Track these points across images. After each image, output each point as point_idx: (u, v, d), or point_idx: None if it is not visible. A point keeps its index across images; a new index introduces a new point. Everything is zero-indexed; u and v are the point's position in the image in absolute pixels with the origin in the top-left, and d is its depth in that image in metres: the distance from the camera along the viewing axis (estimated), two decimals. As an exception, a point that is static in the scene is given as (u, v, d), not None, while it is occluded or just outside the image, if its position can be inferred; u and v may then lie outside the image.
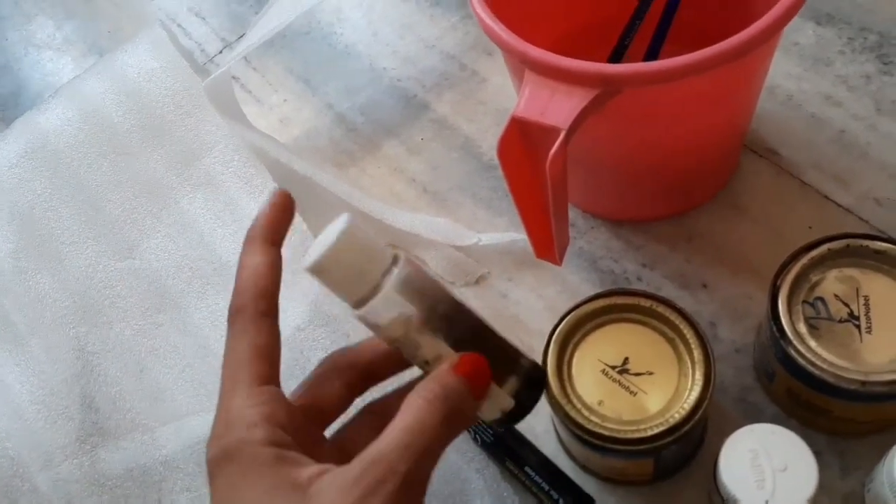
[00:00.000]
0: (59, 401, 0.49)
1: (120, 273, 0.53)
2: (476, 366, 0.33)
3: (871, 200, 0.50)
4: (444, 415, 0.31)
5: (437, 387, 0.31)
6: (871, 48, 0.57)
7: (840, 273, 0.41)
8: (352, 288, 0.33)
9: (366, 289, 0.33)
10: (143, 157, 0.56)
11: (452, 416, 0.31)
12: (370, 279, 0.33)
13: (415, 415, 0.30)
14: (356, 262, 0.32)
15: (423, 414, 0.30)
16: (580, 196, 0.53)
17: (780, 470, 0.36)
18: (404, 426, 0.30)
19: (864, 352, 0.39)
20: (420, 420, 0.30)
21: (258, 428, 0.29)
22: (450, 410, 0.31)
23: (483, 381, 0.33)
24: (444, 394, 0.31)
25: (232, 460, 0.29)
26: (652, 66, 0.36)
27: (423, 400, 0.31)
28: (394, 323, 0.33)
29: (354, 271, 0.32)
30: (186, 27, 0.74)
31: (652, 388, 0.40)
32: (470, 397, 0.32)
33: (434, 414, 0.31)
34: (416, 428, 0.30)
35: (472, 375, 0.33)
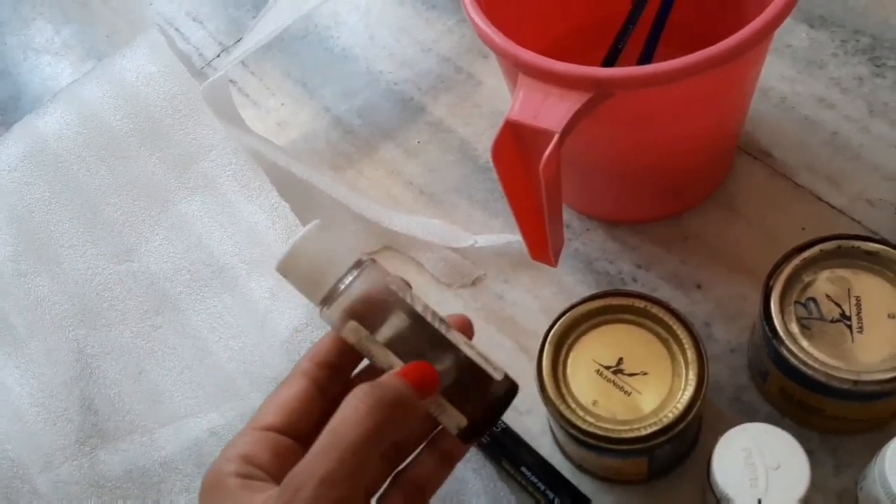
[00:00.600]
0: (59, 403, 0.50)
1: (119, 276, 0.54)
2: (419, 370, 0.33)
3: (864, 202, 0.51)
4: (368, 412, 0.31)
5: (365, 386, 0.32)
6: (864, 51, 0.57)
7: (832, 274, 0.42)
8: (311, 290, 0.34)
9: (323, 292, 0.34)
10: (142, 160, 0.56)
11: (381, 412, 0.31)
12: (327, 283, 0.34)
13: (338, 415, 0.31)
14: (315, 265, 0.34)
15: (346, 412, 0.31)
16: (575, 198, 0.54)
17: (773, 468, 0.37)
18: (327, 429, 0.31)
19: (855, 351, 0.39)
20: (342, 419, 0.31)
21: (232, 463, 0.32)
22: (377, 407, 0.31)
23: (426, 384, 0.33)
24: (372, 391, 0.31)
25: (214, 488, 0.32)
26: (643, 70, 0.37)
27: (348, 399, 0.31)
28: (346, 329, 0.34)
29: (313, 275, 0.34)
30: (184, 31, 0.74)
31: (646, 388, 0.40)
32: (409, 397, 0.32)
33: (357, 411, 0.31)
34: (338, 427, 0.30)
35: (412, 376, 0.33)
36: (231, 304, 0.52)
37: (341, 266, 0.34)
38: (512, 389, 0.35)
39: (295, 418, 0.34)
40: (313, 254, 0.34)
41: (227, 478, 0.31)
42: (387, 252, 0.56)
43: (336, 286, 0.34)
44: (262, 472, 0.32)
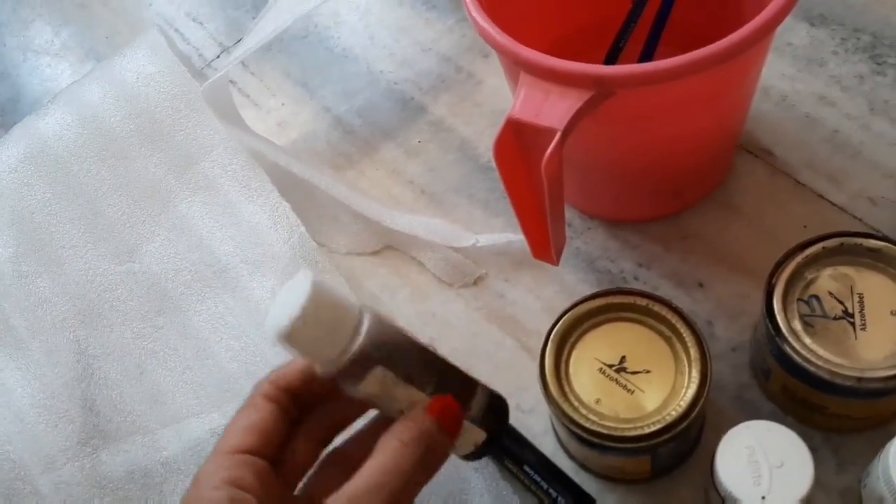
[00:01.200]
0: (60, 404, 0.50)
1: (120, 276, 0.54)
2: (448, 406, 0.34)
3: (865, 199, 0.51)
4: (419, 456, 0.31)
5: (413, 427, 0.32)
6: (864, 49, 0.57)
7: (834, 271, 0.41)
8: (322, 352, 0.32)
9: (336, 351, 0.32)
10: (142, 161, 0.56)
11: (427, 456, 0.32)
12: (340, 342, 0.32)
13: (390, 456, 0.31)
14: (324, 325, 0.31)
15: (399, 455, 0.31)
16: (577, 197, 0.54)
17: (776, 466, 0.37)
18: (379, 467, 0.31)
19: (858, 349, 0.39)
20: (395, 461, 0.31)
21: (218, 490, 0.31)
22: (425, 451, 0.32)
23: (456, 420, 0.34)
24: (419, 435, 0.32)
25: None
26: (645, 68, 0.37)
27: (399, 441, 0.32)
28: (369, 381, 0.32)
29: (323, 336, 0.31)
30: (184, 32, 0.74)
31: (649, 386, 0.40)
32: (444, 437, 0.33)
33: (410, 455, 0.31)
34: (391, 469, 0.31)
35: (444, 416, 0.33)
36: (232, 304, 0.52)
37: (350, 321, 0.32)
38: (505, 401, 0.37)
39: (266, 441, 0.33)
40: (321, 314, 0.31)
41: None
42: (388, 252, 0.56)
43: (351, 343, 0.32)
44: (252, 496, 0.31)
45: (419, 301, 0.54)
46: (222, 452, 0.33)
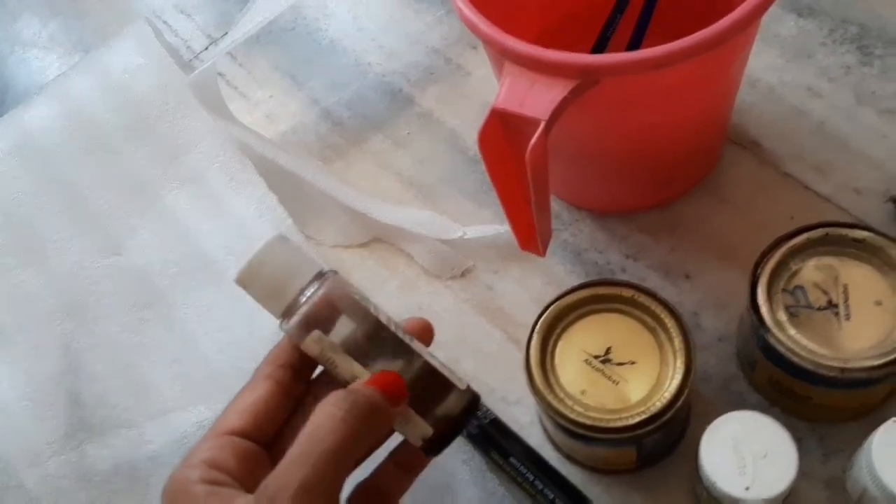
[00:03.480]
0: (46, 397, 0.49)
1: (106, 269, 0.53)
2: (388, 379, 0.33)
3: (851, 190, 0.51)
4: (343, 418, 0.31)
5: (340, 393, 0.32)
6: (852, 39, 0.57)
7: (819, 261, 0.42)
8: (272, 302, 0.34)
9: (284, 304, 0.34)
10: (129, 153, 0.56)
11: (356, 419, 0.31)
12: (288, 295, 0.34)
13: (312, 422, 0.31)
14: (276, 277, 0.34)
15: (321, 419, 0.31)
16: (564, 188, 0.54)
17: (760, 457, 0.37)
18: (302, 436, 0.30)
19: (842, 339, 0.39)
20: (317, 426, 0.30)
21: (196, 469, 0.31)
22: (352, 414, 0.31)
23: (396, 392, 0.33)
24: (346, 398, 0.31)
25: (177, 495, 0.31)
26: (629, 56, 0.37)
27: (322, 407, 0.31)
28: (308, 342, 0.34)
29: (274, 287, 0.34)
30: (172, 24, 0.74)
31: (634, 377, 0.40)
32: (381, 404, 0.32)
33: (332, 418, 0.31)
34: (314, 434, 0.30)
35: (382, 386, 0.33)
36: (218, 297, 0.52)
37: (303, 277, 0.34)
38: (474, 400, 0.36)
39: (259, 421, 0.33)
40: (275, 266, 0.34)
41: (193, 485, 0.31)
42: (376, 244, 0.56)
43: (297, 298, 0.34)
44: (228, 477, 0.31)
45: (407, 293, 0.54)
46: (212, 433, 0.33)
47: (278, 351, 0.36)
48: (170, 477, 0.32)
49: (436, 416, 0.35)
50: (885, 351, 0.38)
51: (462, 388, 0.36)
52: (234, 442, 0.32)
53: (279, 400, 0.34)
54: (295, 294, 0.34)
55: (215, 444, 0.32)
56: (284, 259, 0.34)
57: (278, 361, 0.35)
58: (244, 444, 0.33)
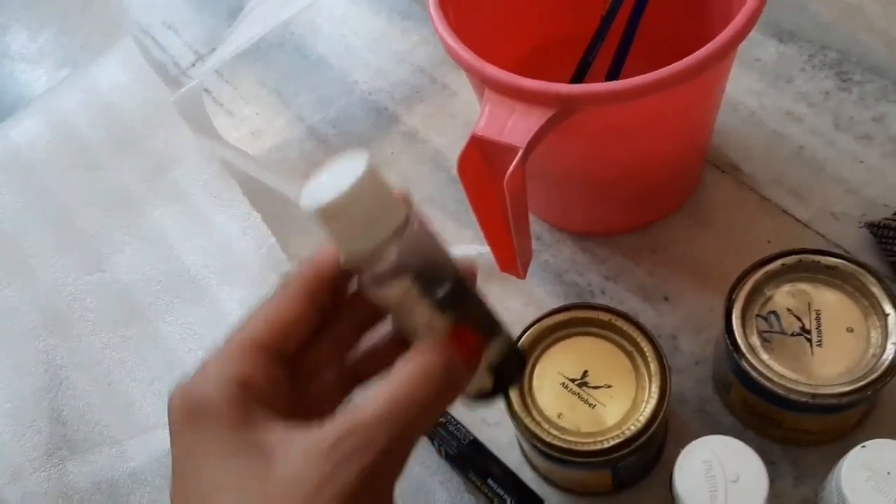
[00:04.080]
0: (28, 414, 0.50)
1: (89, 286, 0.54)
2: (472, 340, 0.30)
3: (828, 215, 0.52)
4: (437, 388, 0.28)
5: (435, 356, 0.28)
6: (831, 65, 0.58)
7: (793, 287, 0.42)
8: (356, 240, 0.29)
9: (370, 245, 0.29)
10: (114, 170, 0.57)
11: (444, 390, 0.29)
12: (377, 236, 0.29)
13: (405, 385, 0.28)
14: (367, 212, 0.28)
15: (415, 385, 0.28)
16: (545, 210, 0.54)
17: (732, 480, 0.37)
18: (391, 396, 0.27)
19: (814, 365, 0.40)
20: (410, 392, 0.28)
21: (228, 386, 0.27)
22: (443, 384, 0.28)
23: (476, 357, 0.30)
24: (441, 366, 0.28)
25: (194, 419, 0.27)
26: (605, 87, 0.37)
27: (418, 369, 0.28)
28: (393, 288, 0.29)
29: (362, 224, 0.28)
30: (160, 39, 0.74)
31: (610, 400, 0.41)
32: (464, 373, 0.30)
33: (426, 386, 0.28)
34: (404, 399, 0.27)
35: (467, 350, 0.30)
36: (202, 314, 0.52)
37: (393, 218, 0.29)
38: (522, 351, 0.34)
39: (289, 338, 0.30)
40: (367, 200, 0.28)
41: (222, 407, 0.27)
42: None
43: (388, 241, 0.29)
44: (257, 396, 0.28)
45: (389, 312, 0.54)
46: (236, 342, 0.29)
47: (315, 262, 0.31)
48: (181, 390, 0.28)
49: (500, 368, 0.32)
50: (855, 378, 0.39)
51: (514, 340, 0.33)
52: (265, 359, 0.29)
53: (310, 317, 0.31)
54: (383, 238, 0.29)
55: (246, 359, 0.28)
56: (376, 197, 0.28)
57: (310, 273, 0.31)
58: (273, 360, 0.29)
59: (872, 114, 0.55)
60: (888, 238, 0.48)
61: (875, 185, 0.52)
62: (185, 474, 0.27)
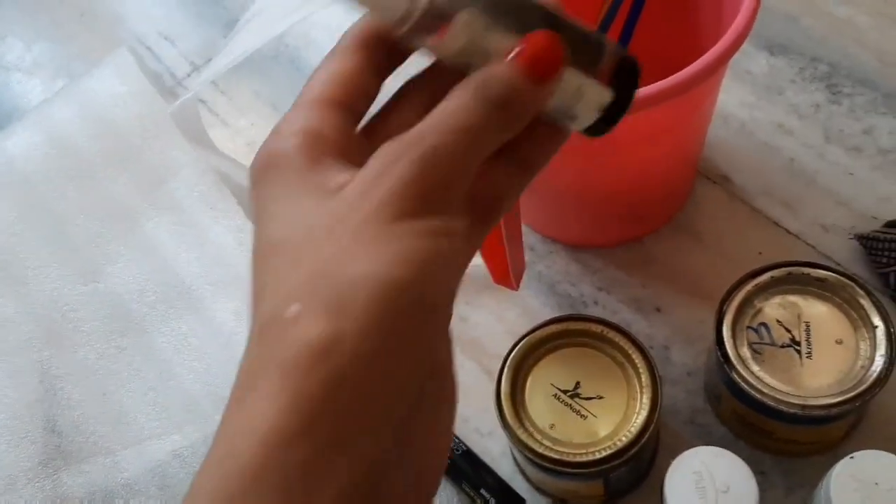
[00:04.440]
0: (22, 424, 0.50)
1: (84, 297, 0.54)
2: (540, 45, 0.26)
3: (818, 226, 0.52)
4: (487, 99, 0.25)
5: (480, 73, 0.26)
6: (822, 78, 0.59)
7: (783, 299, 0.43)
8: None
9: None
10: (109, 181, 0.57)
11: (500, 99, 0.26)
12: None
13: (453, 99, 0.25)
14: None
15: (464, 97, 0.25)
16: (539, 221, 0.55)
17: (722, 491, 0.38)
18: (437, 110, 0.25)
19: (804, 376, 0.40)
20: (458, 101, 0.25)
21: (296, 136, 0.26)
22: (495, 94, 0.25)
23: (549, 63, 0.26)
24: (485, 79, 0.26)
25: (269, 167, 0.27)
26: (597, 103, 0.38)
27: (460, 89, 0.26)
28: (454, 31, 0.26)
29: None
30: (156, 51, 0.74)
31: (602, 411, 0.41)
32: (524, 82, 0.26)
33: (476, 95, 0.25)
34: (454, 107, 0.25)
35: (536, 54, 0.26)
36: (196, 325, 0.52)
37: None
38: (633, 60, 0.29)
39: (350, 94, 0.28)
40: None
41: (293, 155, 0.26)
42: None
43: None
44: (330, 153, 0.26)
45: (383, 323, 0.54)
46: (303, 103, 0.28)
47: (368, 25, 0.29)
48: (259, 153, 0.27)
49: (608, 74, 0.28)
50: (844, 389, 0.39)
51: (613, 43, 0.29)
52: (329, 108, 0.27)
53: (370, 76, 0.29)
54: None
55: (312, 112, 0.27)
56: None
57: (367, 31, 0.29)
58: (339, 114, 0.27)
59: (862, 126, 0.56)
60: (878, 250, 0.49)
61: (865, 197, 0.53)
62: (260, 221, 0.27)
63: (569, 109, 0.28)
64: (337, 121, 0.27)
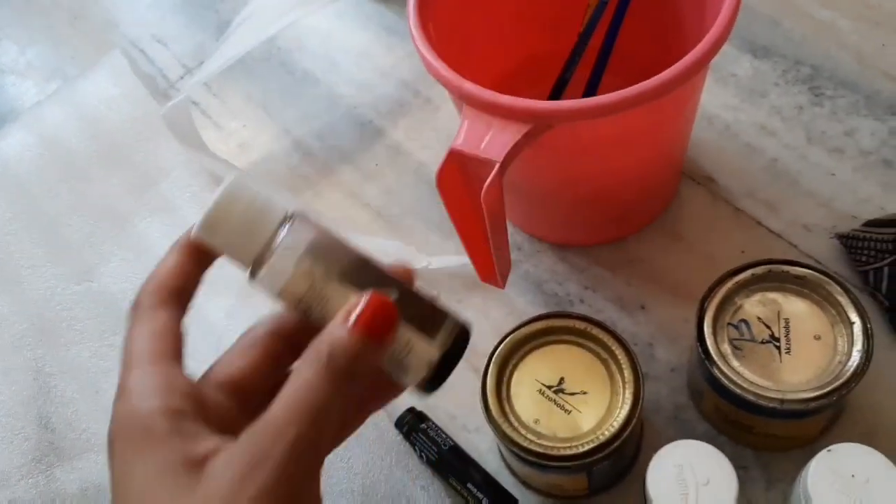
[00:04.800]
0: (16, 421, 0.50)
1: (78, 296, 0.54)
2: (375, 306, 0.29)
3: (800, 226, 0.53)
4: (327, 376, 0.28)
5: (321, 345, 0.29)
6: (804, 80, 0.60)
7: (763, 297, 0.43)
8: (245, 247, 0.30)
9: (259, 245, 0.30)
10: (102, 182, 0.58)
11: (339, 374, 0.29)
12: (264, 233, 0.30)
13: (294, 383, 0.28)
14: (245, 217, 0.30)
15: (304, 380, 0.28)
16: (526, 221, 0.56)
17: (703, 484, 0.38)
18: (292, 389, 0.28)
19: (783, 372, 0.41)
20: (307, 381, 0.28)
21: (153, 398, 0.28)
22: (335, 370, 0.28)
23: (384, 324, 0.30)
24: (327, 351, 0.29)
25: (126, 434, 0.28)
26: (578, 104, 0.39)
27: (305, 364, 0.29)
28: (296, 276, 0.30)
29: (245, 227, 0.30)
30: (149, 53, 0.75)
31: (585, 406, 0.42)
32: (362, 348, 0.29)
33: (321, 373, 0.28)
34: (304, 388, 0.28)
35: (368, 319, 0.29)
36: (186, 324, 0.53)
37: (275, 213, 0.30)
38: (466, 328, 0.33)
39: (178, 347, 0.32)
40: (241, 205, 0.30)
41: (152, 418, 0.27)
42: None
43: (269, 242, 0.30)
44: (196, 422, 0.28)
45: (372, 321, 0.55)
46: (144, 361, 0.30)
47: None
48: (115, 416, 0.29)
49: (438, 337, 0.32)
50: (822, 384, 0.40)
51: (452, 314, 0.33)
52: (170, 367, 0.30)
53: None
54: (267, 237, 0.30)
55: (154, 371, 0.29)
56: (250, 201, 0.30)
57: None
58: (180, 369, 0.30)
59: (844, 128, 0.57)
60: (858, 249, 0.50)
61: (846, 198, 0.54)
62: (120, 492, 0.28)
63: (399, 365, 0.32)
64: (183, 377, 0.30)
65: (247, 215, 0.30)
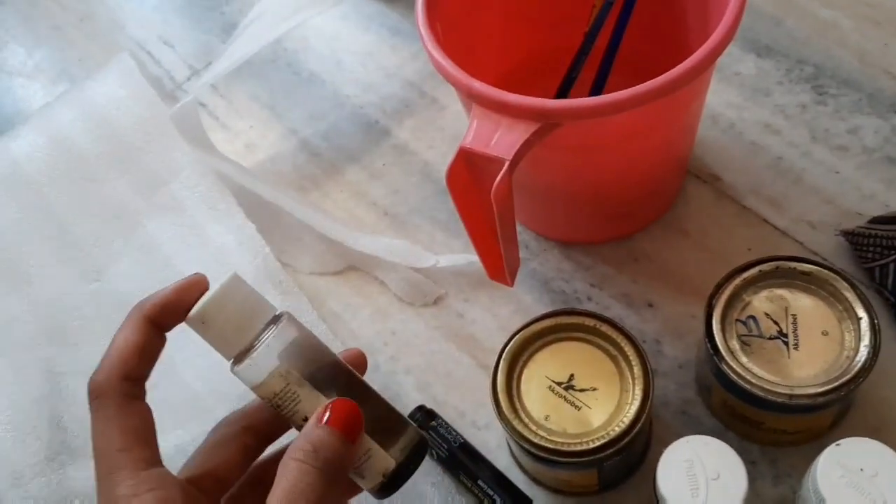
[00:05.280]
0: (28, 420, 0.51)
1: (88, 296, 0.55)
2: (345, 411, 0.33)
3: (805, 223, 0.53)
4: (318, 471, 0.31)
5: (306, 444, 0.32)
6: (807, 79, 0.60)
7: (770, 293, 0.44)
8: (231, 340, 0.34)
9: (245, 342, 0.34)
10: (111, 182, 0.58)
11: (327, 469, 0.31)
12: (250, 332, 0.34)
13: (289, 478, 0.31)
14: (236, 314, 0.34)
15: (297, 475, 0.31)
16: (532, 219, 0.56)
17: (712, 478, 0.39)
18: (281, 493, 0.30)
19: (791, 367, 0.41)
20: (294, 483, 0.31)
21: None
22: (324, 465, 0.31)
23: (354, 426, 0.33)
24: (313, 449, 0.32)
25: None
26: (586, 102, 0.39)
27: (295, 461, 0.31)
28: (273, 376, 0.34)
29: (234, 324, 0.34)
30: (156, 55, 0.76)
31: (595, 403, 0.42)
32: (342, 445, 0.32)
33: (308, 473, 0.31)
34: (293, 491, 0.30)
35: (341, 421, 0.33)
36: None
37: (261, 319, 0.35)
38: (424, 441, 0.37)
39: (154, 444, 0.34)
40: (234, 307, 0.34)
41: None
42: (351, 272, 0.58)
43: (255, 340, 0.34)
44: None
45: (380, 320, 0.55)
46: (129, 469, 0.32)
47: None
48: None
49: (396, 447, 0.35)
50: (830, 378, 0.40)
51: (412, 426, 0.36)
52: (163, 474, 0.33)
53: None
54: (253, 336, 0.34)
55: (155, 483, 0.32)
56: (243, 300, 0.34)
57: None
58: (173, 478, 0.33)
59: (847, 126, 0.57)
60: (863, 245, 0.50)
61: (850, 195, 0.54)
62: None
63: (357, 470, 0.35)
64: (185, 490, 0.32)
65: (239, 312, 0.34)
